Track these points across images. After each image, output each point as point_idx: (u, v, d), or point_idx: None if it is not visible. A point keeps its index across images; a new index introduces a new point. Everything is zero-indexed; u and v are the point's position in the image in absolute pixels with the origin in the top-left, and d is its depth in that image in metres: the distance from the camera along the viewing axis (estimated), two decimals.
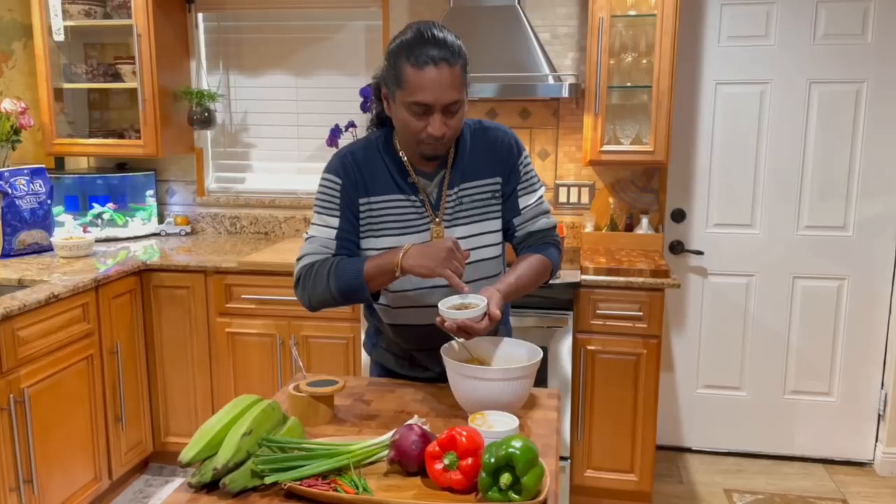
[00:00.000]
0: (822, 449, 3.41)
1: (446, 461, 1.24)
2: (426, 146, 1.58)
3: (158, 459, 3.29)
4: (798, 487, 3.19)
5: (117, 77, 3.48)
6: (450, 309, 1.49)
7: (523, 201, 1.74)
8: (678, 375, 3.48)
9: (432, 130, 1.54)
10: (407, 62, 1.51)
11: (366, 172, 1.67)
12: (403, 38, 1.55)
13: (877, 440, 3.36)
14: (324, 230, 1.68)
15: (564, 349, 2.80)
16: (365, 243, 1.70)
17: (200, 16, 3.62)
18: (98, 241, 3.44)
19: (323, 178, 1.70)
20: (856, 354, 3.32)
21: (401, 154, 1.68)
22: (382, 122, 1.73)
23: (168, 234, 3.68)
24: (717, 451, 3.50)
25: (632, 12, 3.01)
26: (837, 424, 3.38)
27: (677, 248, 3.37)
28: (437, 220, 1.68)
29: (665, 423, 3.48)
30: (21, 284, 2.72)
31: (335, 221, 1.67)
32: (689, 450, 3.53)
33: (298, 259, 1.69)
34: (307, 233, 1.71)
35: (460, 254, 1.51)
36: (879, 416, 3.34)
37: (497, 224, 1.73)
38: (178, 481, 3.21)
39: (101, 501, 2.92)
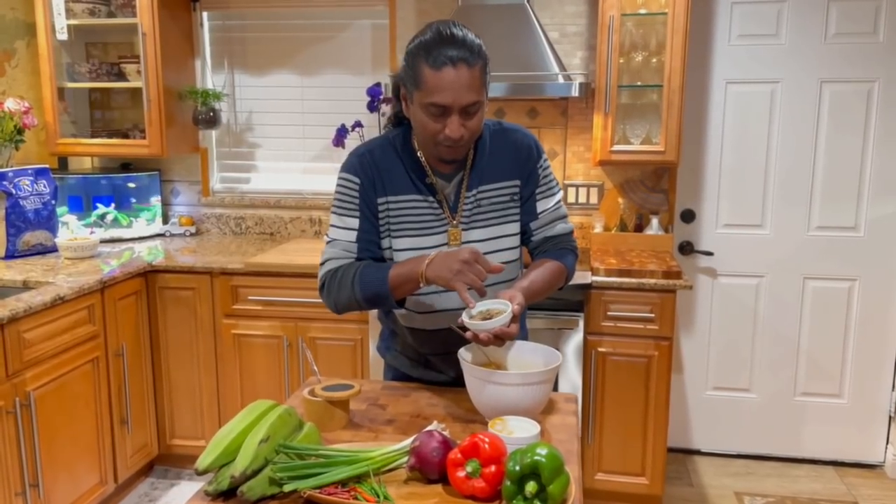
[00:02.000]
0: (833, 451, 3.38)
1: (469, 469, 1.21)
2: (444, 149, 1.55)
3: (164, 462, 3.26)
4: (809, 490, 3.17)
5: (121, 76, 3.45)
6: (474, 319, 1.46)
7: (541, 205, 1.71)
8: (687, 377, 3.45)
9: (450, 132, 1.51)
10: (425, 63, 1.48)
11: (384, 171, 1.64)
12: (422, 38, 1.52)
13: (887, 442, 3.33)
14: (344, 232, 1.65)
15: (575, 351, 2.78)
16: (384, 243, 1.67)
17: (205, 14, 3.59)
18: (102, 241, 3.41)
19: (340, 178, 1.67)
20: (866, 356, 3.30)
21: (419, 154, 1.65)
22: (400, 121, 1.70)
23: (173, 235, 3.65)
24: (727, 453, 3.48)
25: (642, 10, 2.98)
26: (848, 426, 3.35)
27: (687, 248, 3.34)
28: (455, 222, 1.65)
29: (674, 425, 3.46)
30: (26, 286, 2.69)
31: (355, 223, 1.64)
32: (698, 452, 3.51)
33: (322, 264, 1.66)
34: (328, 235, 1.68)
35: (481, 264, 1.46)
36: (890, 417, 3.31)
37: (515, 227, 1.70)
38: (183, 484, 3.18)
39: None
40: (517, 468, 1.16)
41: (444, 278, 1.47)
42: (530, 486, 1.15)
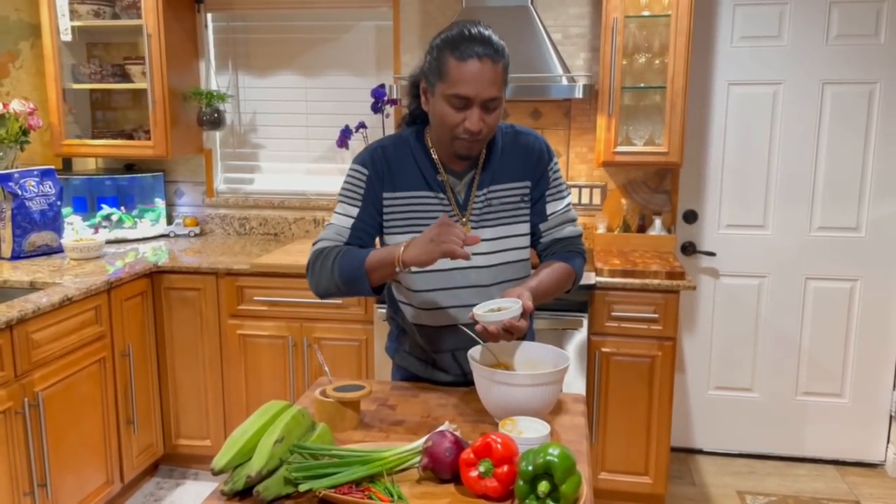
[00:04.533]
0: (834, 450, 3.40)
1: (482, 468, 1.23)
2: (461, 143, 1.58)
3: (169, 462, 3.27)
4: (810, 489, 3.18)
5: (126, 77, 3.46)
6: (486, 313, 1.48)
7: (551, 207, 1.74)
8: (689, 377, 3.47)
9: (469, 125, 1.54)
10: (451, 55, 1.52)
11: (395, 167, 1.68)
12: (449, 34, 1.56)
13: (888, 441, 3.35)
14: (342, 219, 1.69)
15: (579, 351, 2.79)
16: (390, 239, 1.70)
17: (209, 16, 3.60)
18: (106, 242, 3.42)
19: (351, 169, 1.71)
20: (868, 356, 3.32)
21: (432, 151, 1.68)
22: (414, 120, 1.74)
23: (177, 236, 3.66)
24: (729, 452, 3.50)
25: (646, 13, 3.00)
26: (849, 426, 3.37)
27: (689, 249, 3.36)
28: (464, 220, 1.67)
29: (676, 425, 3.47)
30: (33, 287, 2.70)
31: (355, 211, 1.68)
32: (700, 451, 3.53)
33: (314, 244, 1.70)
34: (329, 220, 1.72)
35: (455, 227, 1.46)
36: (891, 417, 3.33)
37: (525, 228, 1.72)
38: (188, 484, 3.19)
39: None
40: (530, 468, 1.17)
41: (426, 252, 1.46)
42: (543, 486, 1.17)
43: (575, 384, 2.81)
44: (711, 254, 3.35)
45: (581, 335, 2.79)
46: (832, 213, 3.25)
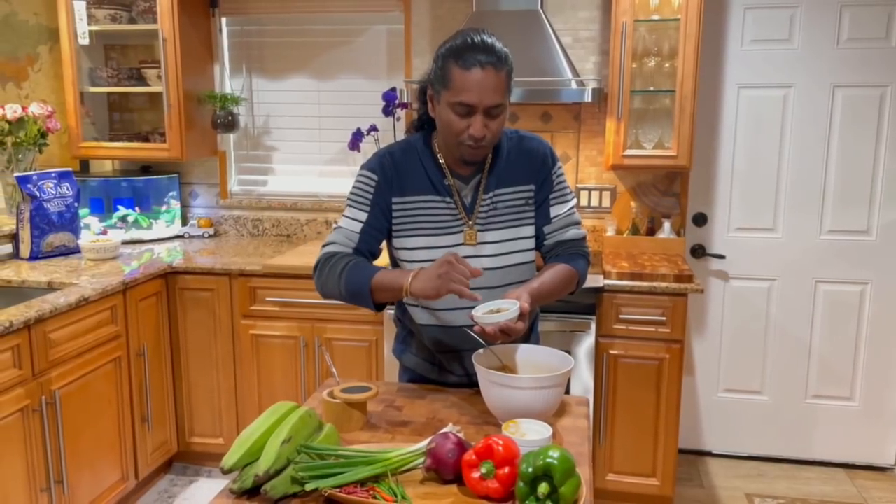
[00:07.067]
0: (843, 453, 3.40)
1: (483, 470, 1.26)
2: (466, 148, 1.62)
3: (183, 459, 3.33)
4: (819, 492, 3.18)
5: (142, 81, 3.52)
6: (485, 315, 1.51)
7: (555, 210, 1.77)
8: (699, 379, 3.48)
9: (473, 131, 1.58)
10: (455, 64, 1.57)
11: (403, 172, 1.72)
12: (454, 43, 1.60)
13: None
14: (351, 223, 1.74)
15: (587, 353, 2.81)
16: (398, 242, 1.74)
17: (224, 20, 3.65)
18: (123, 243, 3.47)
19: (359, 175, 1.76)
20: (878, 359, 3.31)
21: (439, 156, 1.72)
22: (422, 126, 1.78)
23: (191, 237, 3.71)
24: (738, 455, 3.50)
25: (655, 16, 3.01)
26: (859, 429, 3.37)
27: (699, 251, 3.37)
28: (471, 223, 1.71)
29: (685, 427, 3.48)
30: (50, 287, 2.76)
31: (364, 216, 1.73)
32: (709, 454, 3.53)
33: (324, 245, 1.75)
34: (337, 223, 1.76)
35: (462, 265, 1.50)
36: None
37: (530, 230, 1.76)
38: (202, 481, 3.24)
39: (127, 501, 2.96)
40: (530, 470, 1.20)
41: (434, 288, 1.51)
42: (542, 488, 1.19)
43: (583, 386, 2.83)
44: (721, 256, 3.35)
45: (589, 337, 2.81)
46: (842, 217, 3.25)
